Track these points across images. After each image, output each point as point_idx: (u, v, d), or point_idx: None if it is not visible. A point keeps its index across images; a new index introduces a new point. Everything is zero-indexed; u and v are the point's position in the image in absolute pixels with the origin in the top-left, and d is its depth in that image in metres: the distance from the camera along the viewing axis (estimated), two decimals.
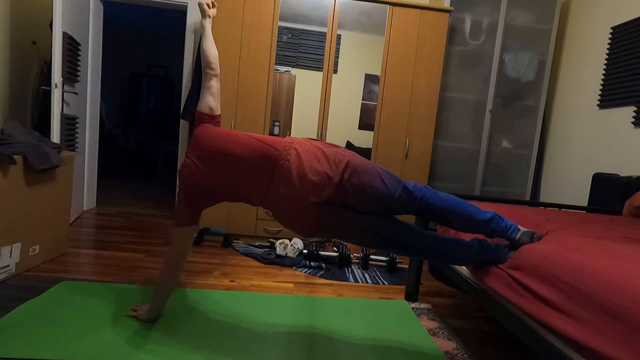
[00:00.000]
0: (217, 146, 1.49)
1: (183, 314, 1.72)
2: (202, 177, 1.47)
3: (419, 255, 1.54)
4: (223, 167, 1.46)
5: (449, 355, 1.60)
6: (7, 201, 1.88)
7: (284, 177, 1.35)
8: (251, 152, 1.43)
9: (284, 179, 1.35)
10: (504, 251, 1.40)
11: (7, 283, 1.87)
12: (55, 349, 1.37)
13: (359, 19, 2.98)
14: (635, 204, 2.06)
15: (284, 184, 1.35)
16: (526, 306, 1.23)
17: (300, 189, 1.33)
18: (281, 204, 1.37)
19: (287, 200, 1.35)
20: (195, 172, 1.49)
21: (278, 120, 3.04)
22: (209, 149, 1.51)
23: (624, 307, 0.91)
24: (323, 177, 1.33)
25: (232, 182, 1.46)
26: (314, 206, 1.33)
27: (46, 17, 3.23)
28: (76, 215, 3.13)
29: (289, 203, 1.35)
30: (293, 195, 1.34)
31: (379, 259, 2.72)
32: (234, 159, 1.44)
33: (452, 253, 1.46)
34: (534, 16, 3.20)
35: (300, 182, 1.33)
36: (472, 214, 1.45)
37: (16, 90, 3.07)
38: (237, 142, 1.48)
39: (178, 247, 1.56)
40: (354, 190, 1.34)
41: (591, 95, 2.92)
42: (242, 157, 1.43)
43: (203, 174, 1.47)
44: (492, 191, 3.32)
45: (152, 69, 6.68)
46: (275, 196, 1.37)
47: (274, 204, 1.39)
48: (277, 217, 1.43)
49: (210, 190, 1.49)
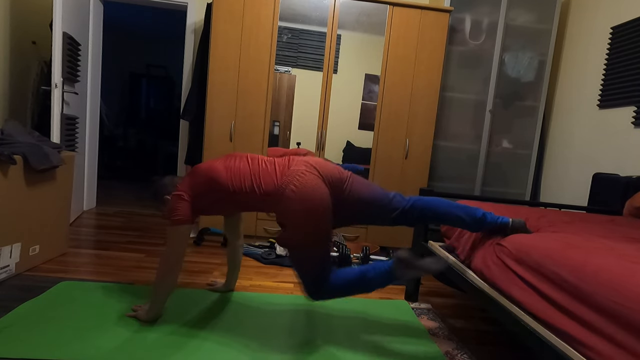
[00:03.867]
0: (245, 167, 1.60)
1: (183, 314, 1.72)
2: (226, 184, 1.55)
3: (332, 282, 1.59)
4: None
5: (449, 355, 1.59)
6: (7, 201, 1.88)
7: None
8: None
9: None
10: (397, 269, 1.48)
11: (7, 283, 1.87)
12: (56, 349, 1.37)
13: (359, 19, 2.98)
14: (636, 204, 2.05)
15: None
16: (527, 302, 1.23)
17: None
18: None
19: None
20: (223, 175, 1.56)
21: (278, 120, 3.04)
22: (238, 167, 1.60)
23: (624, 306, 0.91)
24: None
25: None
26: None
27: (46, 17, 3.23)
28: (76, 215, 3.13)
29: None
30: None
31: (379, 259, 2.71)
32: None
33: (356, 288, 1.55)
34: (534, 16, 3.20)
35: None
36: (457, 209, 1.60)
37: (16, 90, 3.07)
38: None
39: (177, 247, 1.56)
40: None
41: (591, 95, 2.92)
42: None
43: (229, 182, 1.55)
44: (492, 191, 3.32)
45: (152, 69, 6.67)
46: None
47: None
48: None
49: (225, 197, 1.57)
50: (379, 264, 1.51)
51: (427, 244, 2.07)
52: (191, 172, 1.64)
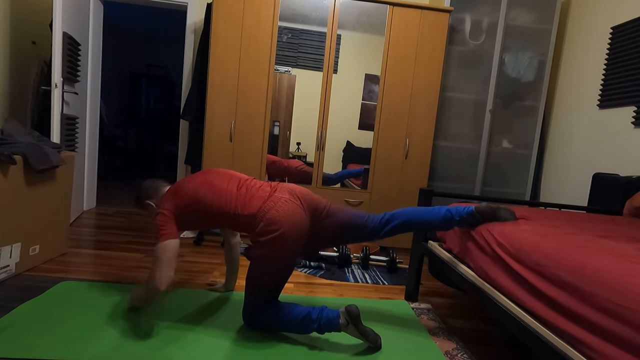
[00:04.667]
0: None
1: (183, 314, 1.72)
2: (210, 201, 1.59)
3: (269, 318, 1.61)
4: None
5: (449, 355, 1.60)
6: (7, 201, 1.88)
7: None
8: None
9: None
10: (341, 320, 1.51)
11: (7, 283, 1.87)
12: (55, 349, 1.37)
13: (359, 19, 2.98)
14: (636, 204, 2.05)
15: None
16: (527, 301, 1.24)
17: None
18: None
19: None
20: (206, 194, 1.60)
21: (278, 120, 3.04)
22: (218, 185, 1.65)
23: (625, 307, 0.91)
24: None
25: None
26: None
27: (46, 17, 3.23)
28: (76, 215, 3.13)
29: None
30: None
31: (379, 259, 2.72)
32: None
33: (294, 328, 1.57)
34: (534, 16, 3.20)
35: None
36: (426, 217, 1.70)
37: (16, 90, 3.07)
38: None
39: (166, 263, 1.53)
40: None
41: (591, 95, 2.92)
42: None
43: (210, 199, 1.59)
44: (492, 191, 3.32)
45: (152, 69, 6.67)
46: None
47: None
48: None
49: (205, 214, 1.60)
50: (327, 310, 1.54)
51: (427, 244, 2.07)
52: (174, 191, 1.64)
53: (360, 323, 1.52)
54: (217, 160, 2.97)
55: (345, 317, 1.51)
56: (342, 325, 1.51)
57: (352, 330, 1.52)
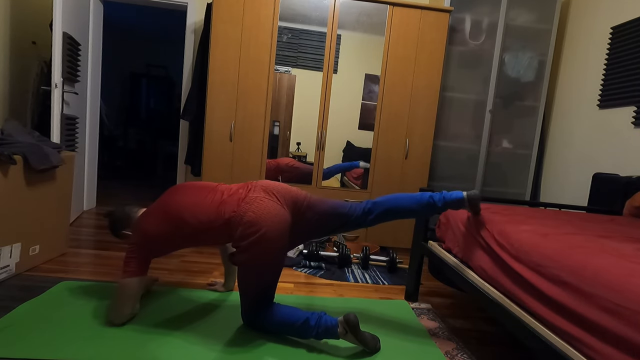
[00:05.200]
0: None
1: (183, 314, 1.72)
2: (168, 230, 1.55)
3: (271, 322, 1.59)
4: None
5: (449, 355, 1.60)
6: (7, 201, 1.88)
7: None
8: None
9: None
10: (339, 328, 1.49)
11: (7, 283, 1.87)
12: (55, 349, 1.37)
13: (359, 19, 2.98)
14: (636, 204, 2.05)
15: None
16: (527, 301, 1.24)
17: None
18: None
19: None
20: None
21: (278, 120, 3.04)
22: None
23: (625, 307, 0.91)
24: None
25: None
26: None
27: (46, 17, 3.23)
28: (76, 215, 3.13)
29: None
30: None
31: (379, 259, 2.72)
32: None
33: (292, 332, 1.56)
34: (534, 16, 3.20)
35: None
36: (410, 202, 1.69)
37: (16, 90, 3.07)
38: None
39: (128, 301, 1.56)
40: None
41: (591, 95, 2.92)
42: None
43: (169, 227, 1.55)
44: (492, 191, 3.32)
45: (152, 69, 6.67)
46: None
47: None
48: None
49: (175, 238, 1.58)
50: (326, 318, 1.52)
51: (427, 244, 2.07)
52: (144, 216, 1.60)
53: (359, 331, 1.50)
54: (217, 160, 2.97)
55: (343, 327, 1.49)
56: (341, 334, 1.49)
57: (350, 338, 1.50)
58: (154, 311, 1.72)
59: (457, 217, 1.84)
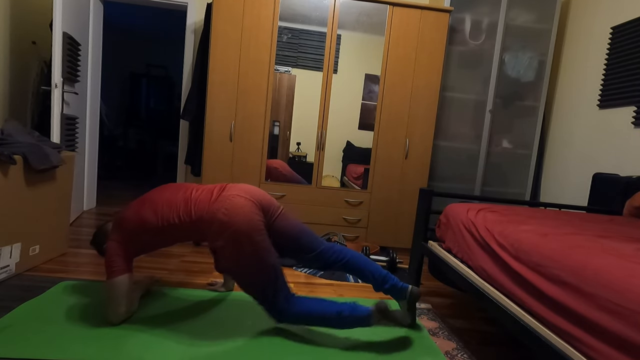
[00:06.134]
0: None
1: (183, 314, 1.72)
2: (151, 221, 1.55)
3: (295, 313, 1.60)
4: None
5: (449, 355, 1.59)
6: (7, 201, 1.88)
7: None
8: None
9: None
10: (373, 317, 1.53)
11: (7, 283, 1.87)
12: (55, 349, 1.37)
13: (359, 19, 2.98)
14: (636, 204, 2.05)
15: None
16: (527, 301, 1.24)
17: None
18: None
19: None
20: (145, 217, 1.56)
21: (278, 120, 3.04)
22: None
23: (625, 307, 0.91)
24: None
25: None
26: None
27: (46, 17, 3.23)
28: (76, 215, 3.13)
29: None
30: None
31: (379, 259, 2.72)
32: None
33: (328, 321, 1.57)
34: (534, 16, 3.20)
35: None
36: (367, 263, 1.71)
37: (16, 90, 3.07)
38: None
39: (122, 299, 1.55)
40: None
41: (591, 95, 2.92)
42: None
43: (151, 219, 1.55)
44: (492, 191, 3.32)
45: (152, 69, 6.67)
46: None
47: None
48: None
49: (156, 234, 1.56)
50: (358, 308, 1.54)
51: (427, 244, 2.07)
52: (119, 219, 1.61)
53: (390, 313, 1.54)
54: (217, 160, 2.97)
55: (376, 316, 1.52)
56: (374, 321, 1.53)
57: (385, 322, 1.54)
58: (154, 311, 1.72)
59: (457, 217, 1.84)
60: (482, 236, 1.58)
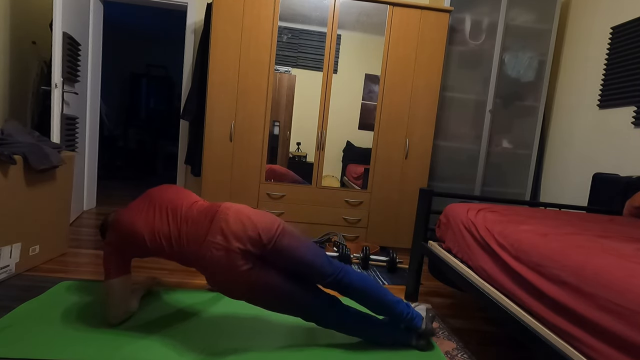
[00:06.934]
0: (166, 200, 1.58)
1: (183, 314, 1.72)
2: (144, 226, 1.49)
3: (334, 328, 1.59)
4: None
5: (449, 355, 1.60)
6: (7, 201, 1.88)
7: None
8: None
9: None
10: (413, 337, 1.59)
11: (7, 283, 1.87)
12: (55, 349, 1.37)
13: (359, 19, 2.98)
14: (636, 204, 2.05)
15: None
16: (527, 301, 1.23)
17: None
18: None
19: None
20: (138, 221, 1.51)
21: (278, 120, 3.04)
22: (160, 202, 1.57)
23: (625, 307, 0.91)
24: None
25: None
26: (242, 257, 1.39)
27: (46, 17, 3.23)
28: (76, 215, 3.13)
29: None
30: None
31: (379, 259, 2.72)
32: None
33: (367, 332, 1.60)
34: (534, 16, 3.20)
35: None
36: (382, 296, 1.59)
37: (16, 90, 3.07)
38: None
39: (119, 300, 1.54)
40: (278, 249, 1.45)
41: (591, 95, 2.92)
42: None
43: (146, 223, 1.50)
44: (492, 191, 3.32)
45: (152, 69, 6.67)
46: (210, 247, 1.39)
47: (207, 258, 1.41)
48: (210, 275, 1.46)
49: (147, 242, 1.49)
50: (415, 321, 1.58)
51: (427, 244, 2.07)
52: (114, 221, 1.55)
53: (425, 332, 1.60)
54: (217, 160, 2.97)
55: (425, 322, 1.58)
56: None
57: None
58: (154, 311, 1.72)
59: (457, 217, 1.84)
60: (482, 236, 1.58)
